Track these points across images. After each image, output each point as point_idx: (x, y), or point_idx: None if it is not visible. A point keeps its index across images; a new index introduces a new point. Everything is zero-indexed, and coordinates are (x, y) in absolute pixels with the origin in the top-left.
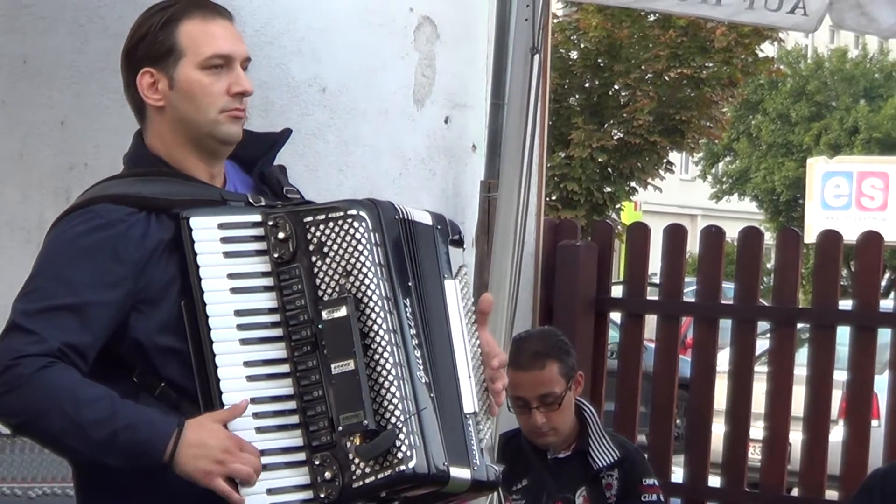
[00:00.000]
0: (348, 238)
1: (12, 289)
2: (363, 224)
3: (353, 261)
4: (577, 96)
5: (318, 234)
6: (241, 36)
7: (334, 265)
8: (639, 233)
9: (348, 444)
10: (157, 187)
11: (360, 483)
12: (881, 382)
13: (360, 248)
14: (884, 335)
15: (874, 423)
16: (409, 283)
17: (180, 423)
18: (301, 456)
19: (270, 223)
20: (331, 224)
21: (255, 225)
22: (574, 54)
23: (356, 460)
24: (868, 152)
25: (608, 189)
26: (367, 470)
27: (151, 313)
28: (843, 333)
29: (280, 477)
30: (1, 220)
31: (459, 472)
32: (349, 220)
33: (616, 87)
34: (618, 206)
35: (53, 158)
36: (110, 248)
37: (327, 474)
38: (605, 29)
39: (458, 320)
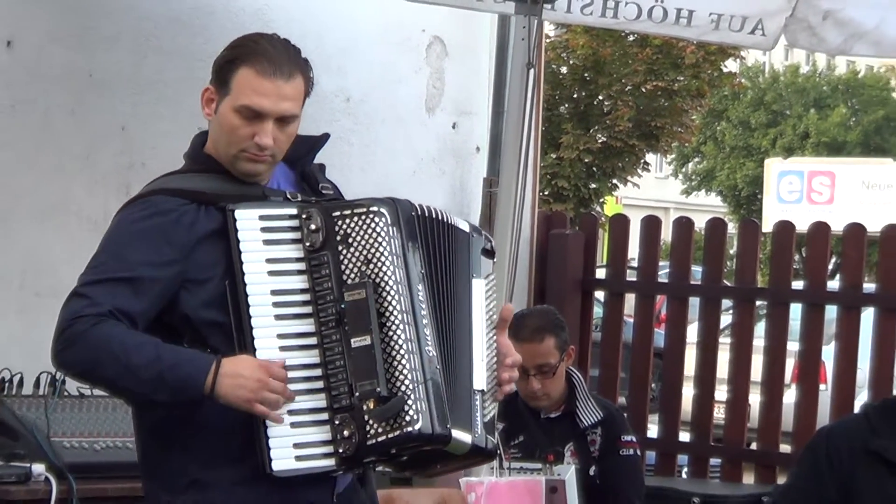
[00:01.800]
0: (369, 231)
1: (78, 270)
2: (383, 219)
3: (372, 250)
4: (566, 105)
5: (344, 226)
6: (295, 95)
7: (357, 253)
8: (619, 223)
9: (364, 408)
10: (207, 183)
11: (374, 441)
12: (828, 352)
13: (379, 239)
14: (830, 311)
15: (822, 387)
16: (422, 271)
17: (217, 359)
18: (324, 416)
19: (304, 216)
20: (355, 218)
21: (291, 217)
22: (564, 69)
23: (370, 421)
24: (817, 154)
25: (593, 185)
26: (380, 430)
27: (197, 292)
28: (796, 310)
29: (306, 433)
30: (70, 211)
31: (461, 435)
32: (371, 216)
33: (600, 97)
34: (601, 200)
35: (115, 158)
36: (162, 232)
37: (346, 432)
38: (591, 47)
39: (481, 313)
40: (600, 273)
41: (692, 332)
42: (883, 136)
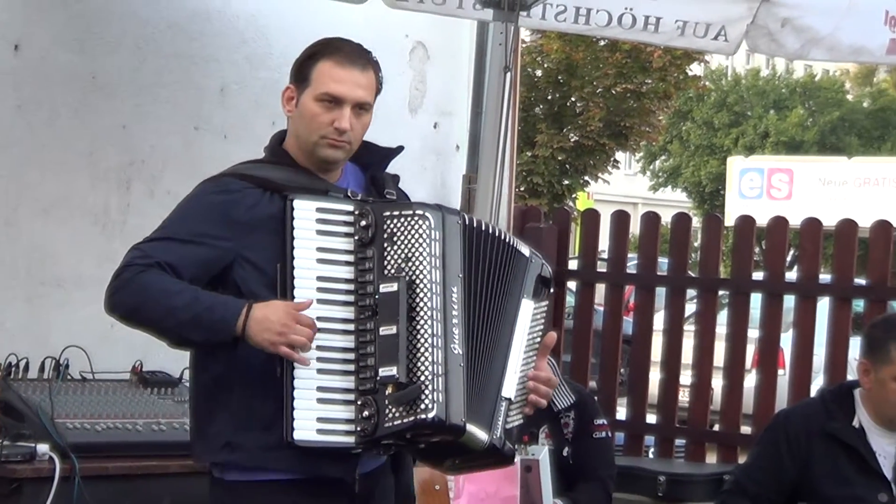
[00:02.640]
0: (413, 232)
1: (80, 261)
2: (427, 223)
3: (413, 249)
4: (541, 106)
5: (392, 226)
6: (368, 85)
7: (399, 251)
8: (591, 217)
9: (386, 392)
10: (277, 173)
11: (390, 424)
12: (786, 339)
13: (420, 240)
14: (788, 301)
15: (780, 372)
16: (461, 275)
17: (249, 303)
18: (351, 396)
19: (357, 212)
20: (403, 219)
21: (346, 213)
22: (539, 72)
23: (389, 405)
24: (776, 152)
25: (566, 182)
26: (397, 414)
27: (251, 268)
28: (756, 299)
29: (331, 410)
30: (73, 205)
31: (477, 431)
32: (416, 218)
33: (573, 99)
34: (574, 195)
35: (116, 156)
36: (223, 209)
37: (366, 413)
38: (564, 52)
39: (524, 331)
40: (572, 264)
41: (658, 319)
42: (838, 135)
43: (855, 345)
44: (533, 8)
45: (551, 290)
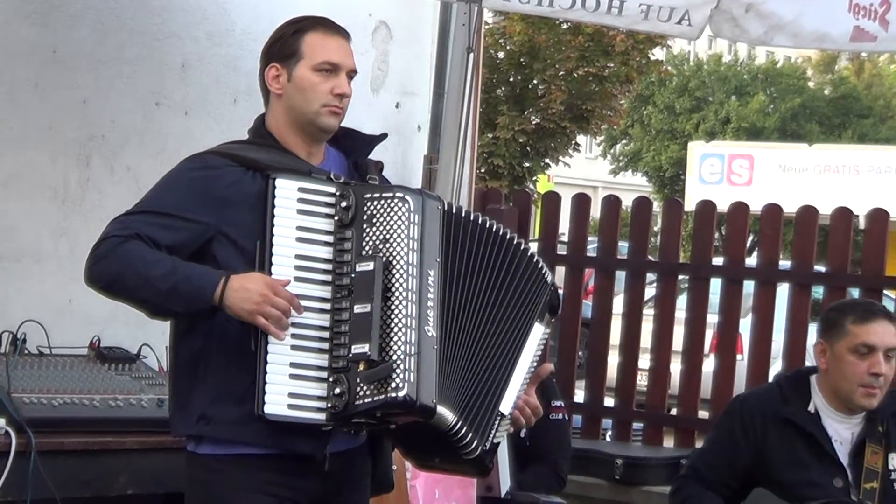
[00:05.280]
0: (392, 214)
1: (39, 235)
2: (406, 205)
3: (391, 231)
4: (503, 88)
5: (371, 207)
6: (352, 52)
7: (378, 233)
8: (551, 200)
9: (357, 370)
10: (260, 154)
11: (361, 402)
12: (745, 325)
13: (399, 223)
14: (748, 286)
15: (738, 357)
16: (438, 259)
17: (227, 274)
18: (324, 374)
19: (339, 194)
20: (382, 202)
21: (328, 195)
22: (501, 54)
23: (360, 383)
24: (737, 138)
25: (527, 164)
26: (367, 392)
27: (230, 245)
28: (716, 284)
29: (304, 386)
30: (33, 180)
31: (447, 413)
32: (396, 201)
33: (535, 81)
34: (534, 178)
35: (76, 131)
36: (204, 184)
37: (337, 390)
38: (527, 34)
39: (530, 354)
40: (533, 247)
41: (618, 303)
42: (799, 122)
43: (813, 331)
44: None
45: (553, 320)
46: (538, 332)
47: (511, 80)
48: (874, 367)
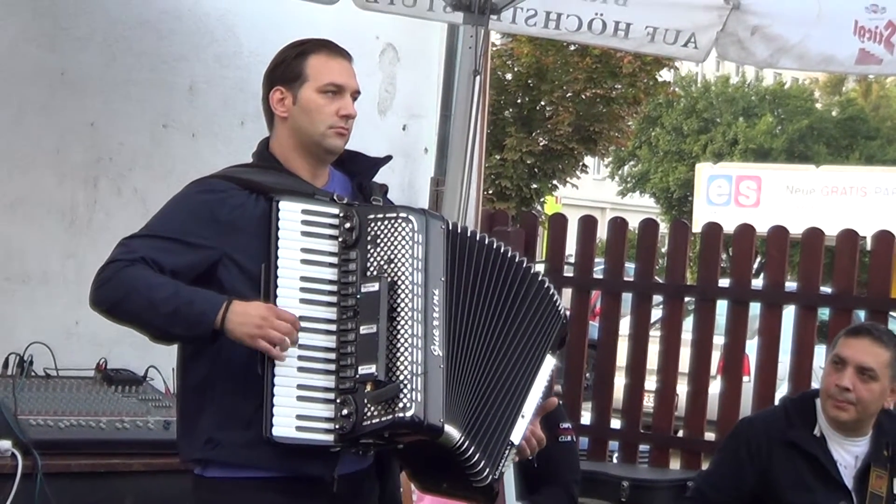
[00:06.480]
0: (396, 234)
1: (46, 257)
2: (410, 226)
3: (395, 252)
4: (510, 110)
5: (375, 228)
6: (355, 73)
7: (382, 253)
8: (558, 221)
9: (365, 391)
10: (264, 177)
11: (369, 423)
12: (751, 346)
13: (403, 243)
14: (754, 308)
15: (745, 378)
16: (442, 278)
17: (229, 298)
18: (331, 395)
19: (342, 215)
20: (386, 222)
21: (332, 216)
22: (509, 76)
23: (368, 404)
24: (745, 159)
25: (534, 185)
26: (375, 412)
27: (235, 268)
28: (722, 306)
29: (311, 408)
30: (40, 202)
31: (454, 432)
32: (400, 221)
33: (542, 103)
34: (542, 199)
35: (84, 153)
36: (209, 209)
37: (345, 411)
38: (535, 56)
39: (541, 384)
40: (539, 268)
41: (624, 325)
42: (806, 143)
43: (820, 353)
44: (503, 11)
45: (558, 351)
46: (550, 364)
47: (519, 101)
48: None
